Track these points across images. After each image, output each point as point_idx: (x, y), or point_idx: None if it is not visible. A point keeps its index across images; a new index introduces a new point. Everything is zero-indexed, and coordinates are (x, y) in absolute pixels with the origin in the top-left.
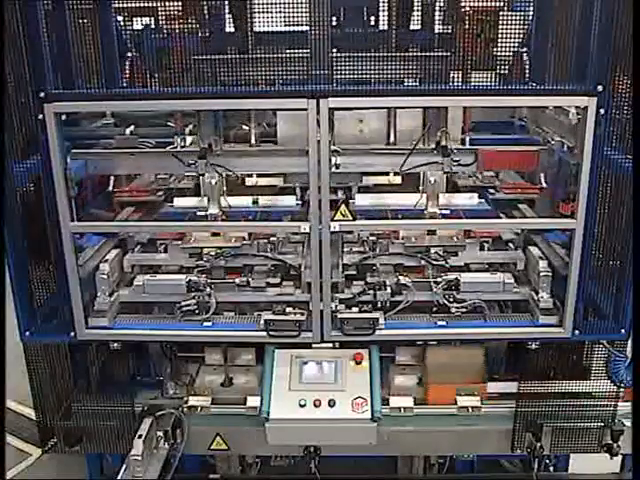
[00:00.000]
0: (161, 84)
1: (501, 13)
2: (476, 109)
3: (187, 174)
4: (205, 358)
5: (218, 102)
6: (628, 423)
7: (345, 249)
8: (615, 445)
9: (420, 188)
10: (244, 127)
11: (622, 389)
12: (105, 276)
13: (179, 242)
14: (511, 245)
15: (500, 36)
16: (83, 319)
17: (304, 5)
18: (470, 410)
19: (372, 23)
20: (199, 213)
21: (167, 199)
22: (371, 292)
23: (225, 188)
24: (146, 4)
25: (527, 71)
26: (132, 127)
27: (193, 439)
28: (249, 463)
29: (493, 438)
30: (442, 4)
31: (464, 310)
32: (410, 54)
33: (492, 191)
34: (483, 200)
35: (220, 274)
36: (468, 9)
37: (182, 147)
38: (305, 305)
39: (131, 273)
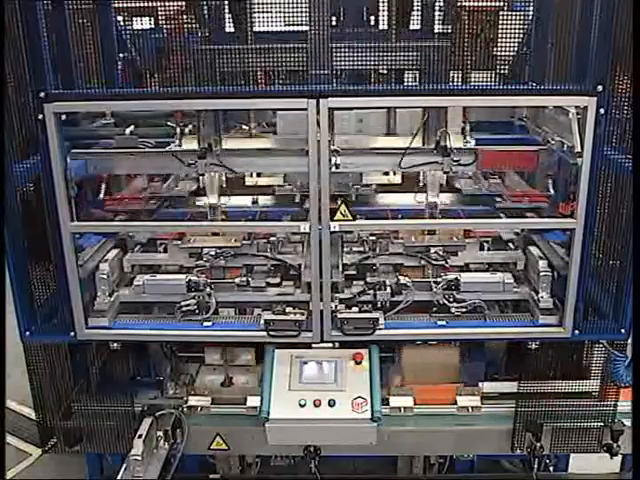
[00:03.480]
0: (161, 84)
1: (501, 13)
2: (476, 109)
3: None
4: (205, 358)
5: (218, 102)
6: (628, 423)
7: (345, 249)
8: (615, 445)
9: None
10: (244, 127)
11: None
12: (105, 276)
13: (179, 242)
14: (511, 245)
15: (500, 36)
16: (83, 319)
17: (304, 5)
18: (470, 410)
19: (372, 23)
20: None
21: (160, 207)
22: (371, 292)
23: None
24: (146, 4)
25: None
26: (132, 127)
27: (193, 439)
28: (249, 463)
29: (493, 438)
30: (442, 4)
31: (464, 310)
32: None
33: (498, 199)
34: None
35: (220, 274)
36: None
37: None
38: (305, 305)
39: (131, 273)
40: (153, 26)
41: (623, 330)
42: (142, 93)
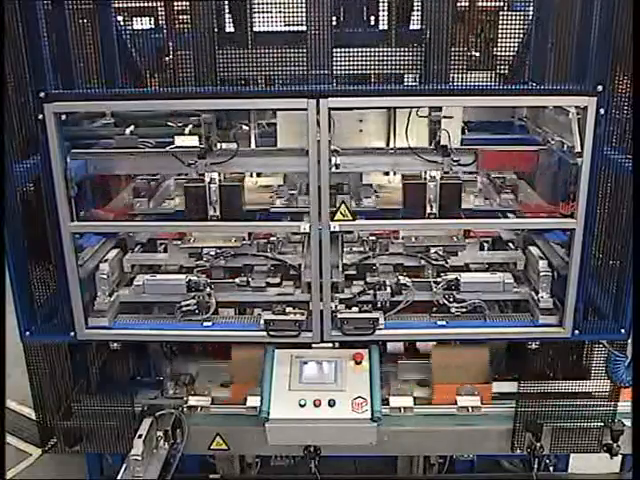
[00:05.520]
0: (161, 84)
1: (501, 13)
2: (476, 109)
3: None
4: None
5: (218, 102)
6: (628, 423)
7: (345, 249)
8: (615, 445)
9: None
10: (244, 127)
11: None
12: (105, 276)
13: (179, 242)
14: (511, 245)
15: (500, 36)
16: (83, 319)
17: (304, 5)
18: (470, 410)
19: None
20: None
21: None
22: (371, 292)
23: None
24: (146, 4)
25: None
26: (132, 127)
27: (193, 439)
28: (249, 463)
29: (493, 438)
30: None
31: (464, 310)
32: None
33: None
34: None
35: (220, 274)
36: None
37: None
38: (305, 305)
39: (131, 273)
40: (153, 26)
41: (623, 330)
42: (142, 93)
